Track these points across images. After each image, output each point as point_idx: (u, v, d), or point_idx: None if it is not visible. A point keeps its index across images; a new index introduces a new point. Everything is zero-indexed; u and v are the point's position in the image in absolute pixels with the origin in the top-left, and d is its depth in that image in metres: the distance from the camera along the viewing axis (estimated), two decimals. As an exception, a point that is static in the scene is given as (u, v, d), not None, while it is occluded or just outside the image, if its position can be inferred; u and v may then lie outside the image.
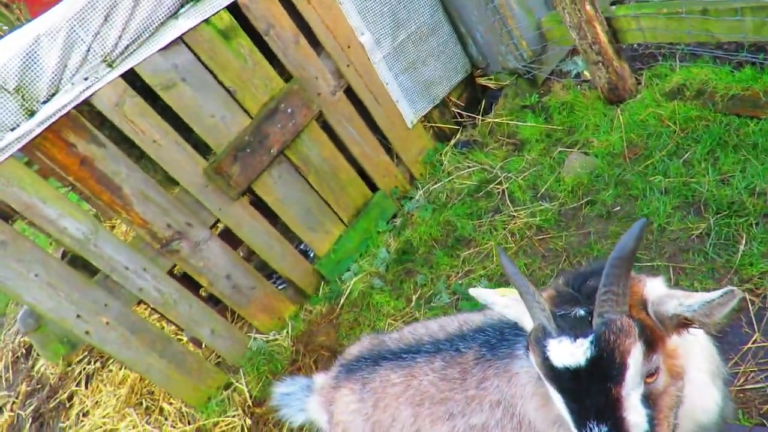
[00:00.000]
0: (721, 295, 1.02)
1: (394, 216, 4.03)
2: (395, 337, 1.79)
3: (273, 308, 3.65)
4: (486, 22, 3.91)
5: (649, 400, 1.04)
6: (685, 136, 3.06)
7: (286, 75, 3.39)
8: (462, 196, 3.78)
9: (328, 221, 3.75)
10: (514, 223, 3.34)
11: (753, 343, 2.12)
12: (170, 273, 3.32)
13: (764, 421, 1.94)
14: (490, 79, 4.30)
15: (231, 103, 3.18)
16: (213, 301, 3.66)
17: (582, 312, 1.08)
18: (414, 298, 3.36)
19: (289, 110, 3.33)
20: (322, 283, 3.83)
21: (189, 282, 3.49)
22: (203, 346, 3.59)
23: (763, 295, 2.23)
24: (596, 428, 1.00)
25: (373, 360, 1.73)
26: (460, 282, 3.26)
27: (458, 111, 4.30)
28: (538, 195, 3.43)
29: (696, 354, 1.22)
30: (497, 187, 3.67)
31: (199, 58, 3.02)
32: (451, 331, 1.67)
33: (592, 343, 1.03)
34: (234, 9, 3.07)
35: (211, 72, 3.09)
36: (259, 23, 3.18)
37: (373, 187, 3.95)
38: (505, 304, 1.28)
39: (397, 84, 3.81)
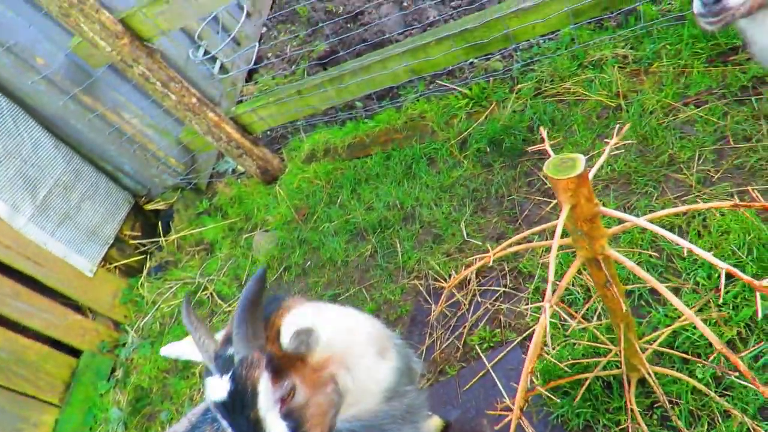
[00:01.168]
0: (293, 336, 1.26)
1: (113, 370, 3.70)
2: None
3: None
4: (127, 154, 4.02)
5: (294, 414, 1.24)
6: (331, 187, 3.66)
7: None
8: (175, 318, 3.72)
9: (33, 413, 3.24)
10: (230, 317, 3.44)
11: (432, 314, 2.66)
12: None
13: (463, 364, 2.45)
14: (158, 202, 4.38)
15: None
16: None
17: (232, 351, 1.25)
18: (165, 437, 3.14)
19: (-72, 315, 2.83)
20: (56, 483, 3.26)
21: None
22: None
23: (424, 275, 2.83)
24: None
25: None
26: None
27: (138, 242, 4.24)
28: (243, 282, 3.62)
29: (356, 346, 1.48)
30: (204, 293, 3.73)
31: None
32: (183, 431, 1.68)
33: (231, 378, 1.20)
34: None
35: None
36: None
37: (76, 352, 3.58)
38: (194, 351, 1.39)
39: (57, 240, 3.59)
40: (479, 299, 2.61)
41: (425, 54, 3.19)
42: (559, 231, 1.34)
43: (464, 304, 2.63)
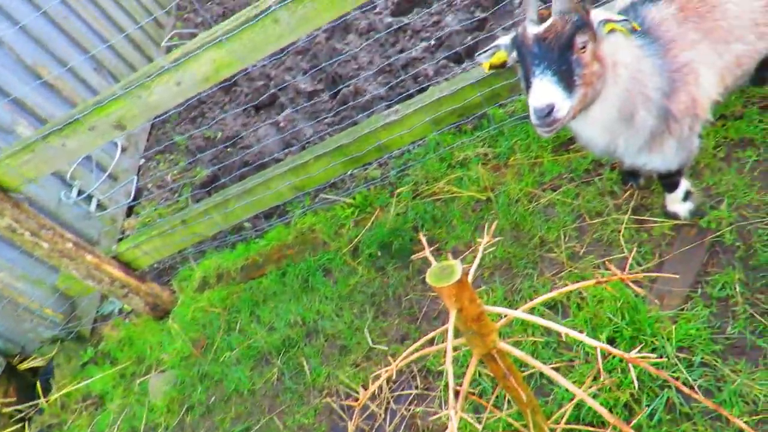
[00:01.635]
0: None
1: None
2: None
3: None
4: (-5, 312, 3.65)
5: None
6: (229, 313, 3.55)
7: None
8: (63, 491, 3.26)
9: None
10: (131, 477, 3.09)
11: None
12: None
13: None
14: (35, 358, 3.96)
15: None
16: None
17: None
18: None
19: None
20: None
21: None
22: None
23: (335, 391, 2.76)
24: None
25: None
26: None
27: (14, 408, 3.75)
28: (141, 434, 3.29)
29: None
30: (96, 455, 3.33)
31: None
32: None
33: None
34: None
35: None
36: None
37: None
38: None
39: None
40: (394, 406, 2.58)
41: (306, 171, 3.32)
42: (450, 335, 1.41)
43: (380, 415, 2.58)
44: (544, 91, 1.68)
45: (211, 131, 4.95)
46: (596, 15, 1.78)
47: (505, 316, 1.52)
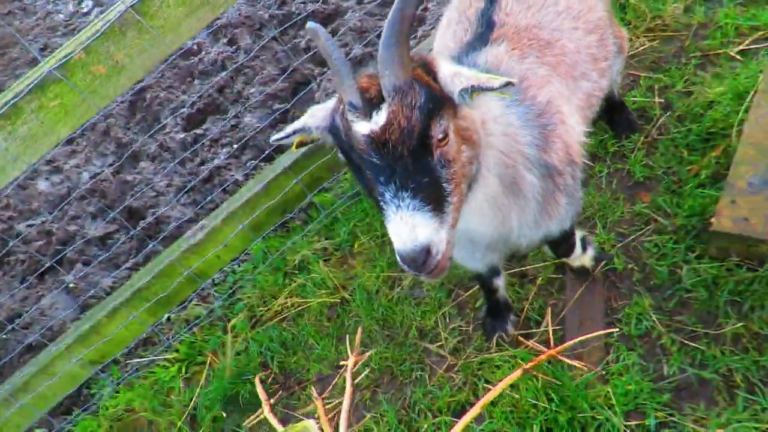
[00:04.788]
0: None
1: None
2: None
3: None
4: None
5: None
6: None
7: None
8: None
9: None
10: None
11: None
12: None
13: None
14: None
15: None
16: None
17: None
18: None
19: None
20: None
21: None
22: None
23: None
24: None
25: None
26: None
27: None
28: None
29: None
30: None
31: None
32: None
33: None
34: None
35: None
36: None
37: None
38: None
39: None
40: None
41: (100, 335, 2.48)
42: None
43: None
44: (412, 229, 1.10)
45: (-22, 320, 3.77)
46: (447, 72, 1.21)
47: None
